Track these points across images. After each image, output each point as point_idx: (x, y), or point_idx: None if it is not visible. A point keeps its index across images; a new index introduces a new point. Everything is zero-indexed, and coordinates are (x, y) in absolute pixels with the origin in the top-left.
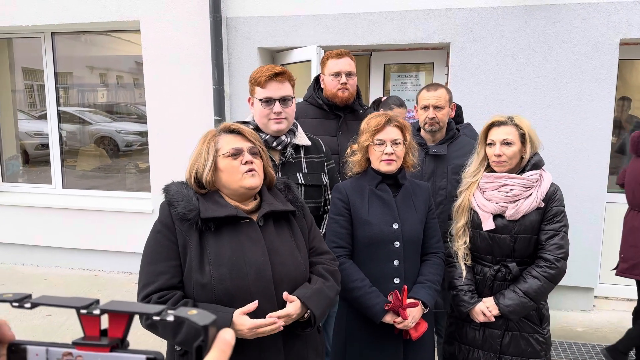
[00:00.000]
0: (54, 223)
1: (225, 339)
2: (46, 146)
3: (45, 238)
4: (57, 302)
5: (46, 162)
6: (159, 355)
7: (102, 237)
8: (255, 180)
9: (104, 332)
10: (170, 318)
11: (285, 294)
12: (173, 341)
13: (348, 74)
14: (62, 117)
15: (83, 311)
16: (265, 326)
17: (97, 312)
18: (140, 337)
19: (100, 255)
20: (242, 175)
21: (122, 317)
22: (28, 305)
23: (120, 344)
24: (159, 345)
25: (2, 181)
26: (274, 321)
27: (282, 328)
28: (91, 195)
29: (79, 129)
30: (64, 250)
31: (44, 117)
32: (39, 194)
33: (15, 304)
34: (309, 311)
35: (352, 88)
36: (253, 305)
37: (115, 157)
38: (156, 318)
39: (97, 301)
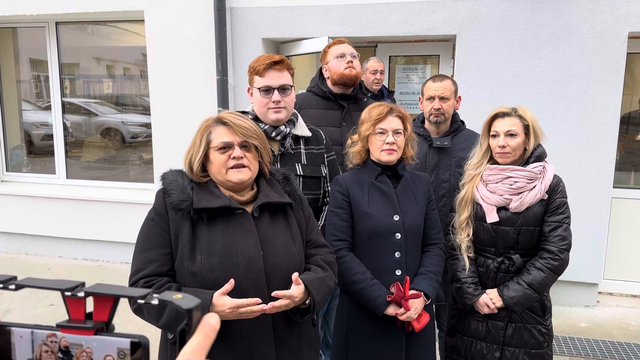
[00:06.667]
0: (58, 213)
1: (209, 323)
2: (51, 137)
3: (49, 228)
4: (42, 284)
5: (51, 152)
6: (144, 339)
7: (105, 228)
8: (241, 176)
9: (89, 316)
10: (155, 302)
11: (294, 275)
12: (157, 325)
13: (352, 55)
14: (68, 108)
15: (68, 293)
16: (246, 306)
17: (81, 294)
18: (142, 326)
19: (104, 246)
20: (228, 170)
21: (107, 301)
22: (12, 287)
23: (105, 328)
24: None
25: (6, 171)
26: (256, 301)
27: (266, 310)
28: (94, 186)
29: (84, 120)
30: (67, 240)
31: (50, 107)
32: (42, 184)
33: (0, 285)
34: (309, 299)
35: (357, 68)
36: (230, 285)
37: (121, 149)
38: (141, 301)
39: (83, 284)
